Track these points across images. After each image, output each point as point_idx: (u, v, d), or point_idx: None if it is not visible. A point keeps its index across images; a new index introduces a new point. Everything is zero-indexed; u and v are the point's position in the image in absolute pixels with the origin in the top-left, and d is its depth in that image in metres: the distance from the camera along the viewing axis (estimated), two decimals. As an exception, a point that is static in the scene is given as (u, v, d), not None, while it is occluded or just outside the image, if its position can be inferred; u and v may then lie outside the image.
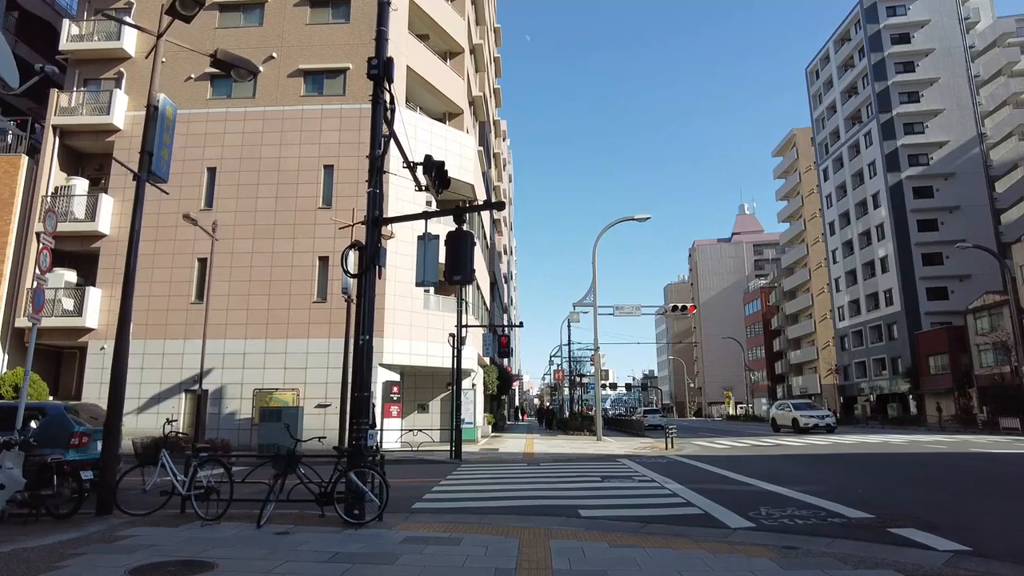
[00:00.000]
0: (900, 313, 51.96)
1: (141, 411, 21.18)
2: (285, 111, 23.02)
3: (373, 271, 8.24)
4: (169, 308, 21.77)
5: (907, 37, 55.90)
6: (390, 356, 21.07)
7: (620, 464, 15.61)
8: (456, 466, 15.64)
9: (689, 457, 17.70)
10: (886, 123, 54.90)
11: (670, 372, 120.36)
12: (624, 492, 10.51)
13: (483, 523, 7.62)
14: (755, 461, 16.15)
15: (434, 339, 22.35)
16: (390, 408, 20.85)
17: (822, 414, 31.03)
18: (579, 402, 54.12)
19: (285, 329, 21.27)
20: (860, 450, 19.23)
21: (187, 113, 23.20)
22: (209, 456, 7.82)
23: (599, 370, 26.98)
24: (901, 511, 8.12)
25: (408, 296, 21.98)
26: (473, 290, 26.56)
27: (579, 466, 15.28)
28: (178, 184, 22.59)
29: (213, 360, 21.27)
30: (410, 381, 25.21)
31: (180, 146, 22.76)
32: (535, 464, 15.80)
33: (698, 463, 15.66)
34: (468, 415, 23.95)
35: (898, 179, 53.46)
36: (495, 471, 14.36)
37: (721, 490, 10.48)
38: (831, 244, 64.65)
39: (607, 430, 33.23)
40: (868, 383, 56.62)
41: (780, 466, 14.78)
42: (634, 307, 27.67)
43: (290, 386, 20.82)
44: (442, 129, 24.28)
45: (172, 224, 21.81)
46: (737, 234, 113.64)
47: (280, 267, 21.71)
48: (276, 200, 22.23)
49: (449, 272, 8.03)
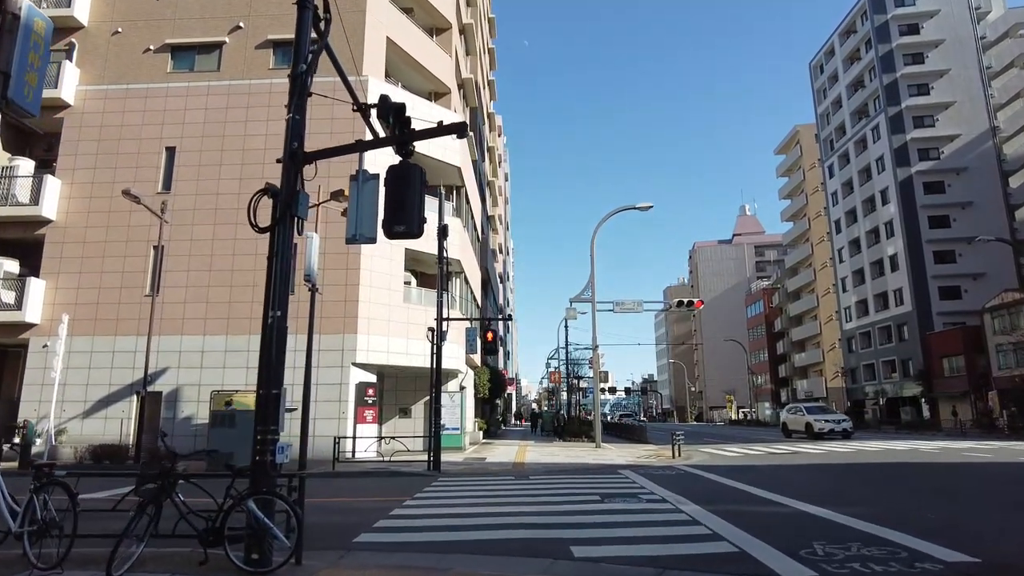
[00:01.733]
0: (911, 313, 49.87)
1: (87, 415, 19.00)
2: (252, 85, 20.93)
3: (289, 223, 6.12)
4: (121, 301, 19.62)
5: (916, 28, 53.99)
6: (364, 354, 18.91)
7: (622, 478, 13.45)
8: (432, 480, 13.48)
9: (700, 467, 15.56)
10: (895, 116, 52.92)
11: (670, 376, 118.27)
12: (629, 518, 8.36)
13: (439, 570, 5.50)
14: (778, 472, 14.01)
15: (416, 336, 20.16)
16: (364, 413, 18.67)
17: (837, 418, 28.90)
18: (577, 406, 51.91)
19: (248, 324, 19.11)
20: (891, 458, 17.10)
21: (144, 88, 21.16)
22: (51, 480, 5.59)
23: (598, 370, 24.84)
24: (1013, 548, 6.00)
25: (386, 288, 19.85)
26: (461, 284, 24.44)
27: (575, 480, 13.12)
28: (133, 165, 20.55)
29: (168, 358, 19.13)
30: (391, 383, 23.05)
31: (137, 124, 20.75)
32: (524, 478, 13.63)
33: (712, 475, 13.52)
34: (454, 420, 21.80)
35: (908, 174, 51.45)
36: (476, 486, 12.21)
37: (752, 514, 8.34)
38: (837, 243, 62.61)
39: (607, 436, 31.04)
40: (877, 386, 54.49)
41: (809, 479, 12.64)
42: (635, 303, 25.54)
43: (253, 387, 18.58)
44: (424, 105, 22.18)
45: (126, 208, 19.62)
46: (738, 235, 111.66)
47: (244, 255, 19.57)
48: (240, 182, 20.09)
49: (389, 220, 5.90)
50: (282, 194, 6.15)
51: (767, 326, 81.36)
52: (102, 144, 20.72)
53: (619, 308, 25.37)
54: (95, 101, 21.07)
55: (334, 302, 18.95)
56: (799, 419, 30.26)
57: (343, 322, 18.87)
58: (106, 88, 21.14)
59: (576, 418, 39.37)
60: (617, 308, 25.34)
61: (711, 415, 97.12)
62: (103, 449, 15.16)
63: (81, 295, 19.77)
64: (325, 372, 18.56)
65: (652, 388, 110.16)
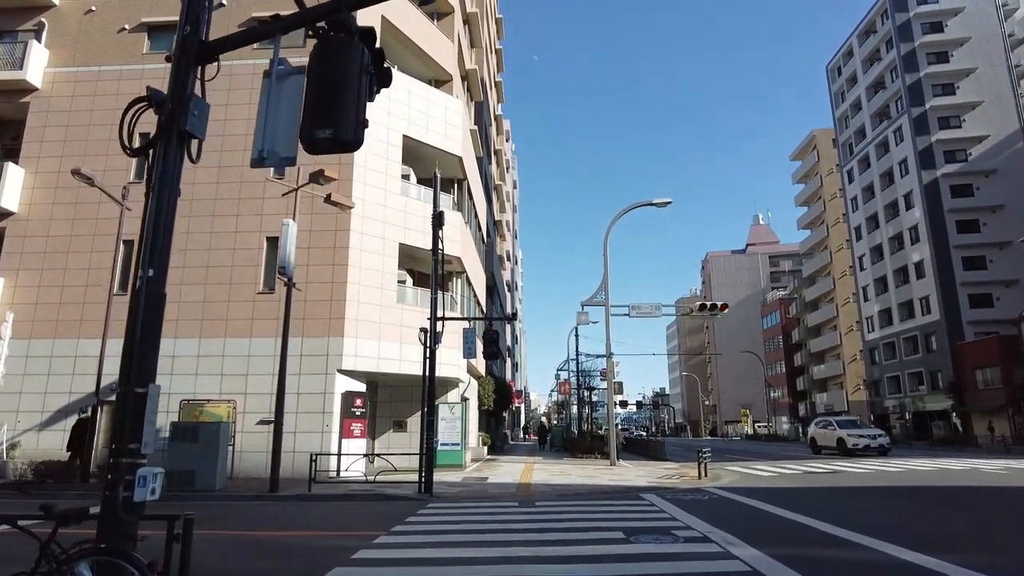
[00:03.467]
0: (939, 322, 47.34)
1: (45, 427, 17.08)
2: (235, 65, 19.09)
3: (177, 142, 4.16)
4: (86, 301, 17.75)
5: (940, 26, 51.90)
6: (352, 360, 16.91)
7: (646, 504, 11.33)
8: (421, 505, 11.41)
9: (734, 490, 13.40)
10: (918, 118, 50.72)
11: (683, 389, 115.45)
12: (667, 569, 6.26)
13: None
14: (832, 498, 11.84)
15: (411, 340, 18.11)
16: (351, 426, 16.64)
17: (873, 433, 26.55)
18: (589, 420, 49.54)
19: (224, 326, 17.20)
20: (954, 480, 14.85)
21: (118, 70, 19.44)
22: None
23: (612, 379, 22.70)
24: None
25: (378, 287, 17.87)
26: (463, 285, 22.45)
27: (590, 507, 11.01)
28: (104, 152, 18.77)
29: (135, 365, 17.17)
30: (385, 393, 21.02)
31: (109, 108, 18.98)
32: (530, 504, 11.52)
33: (753, 501, 11.37)
34: (454, 435, 19.73)
35: (933, 177, 49.15)
36: (471, 515, 10.12)
37: (836, 564, 6.24)
38: (857, 250, 60.19)
39: (621, 452, 28.82)
40: (903, 399, 51.83)
41: (877, 507, 10.46)
42: (653, 306, 23.43)
43: (227, 396, 16.67)
44: (422, 88, 20.35)
45: (94, 200, 17.80)
46: (752, 245, 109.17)
47: (220, 250, 17.70)
48: (219, 170, 18.27)
49: (311, 122, 3.88)
50: (168, 101, 4.18)
51: (784, 337, 78.76)
52: (71, 130, 18.99)
53: (635, 312, 23.27)
54: (64, 84, 19.38)
55: (318, 302, 17.00)
56: (830, 434, 27.93)
57: (328, 324, 16.89)
58: (76, 70, 19.45)
59: (588, 432, 37.11)
60: (633, 312, 23.24)
61: (725, 430, 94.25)
62: (47, 466, 13.21)
63: (43, 294, 17.94)
64: (307, 380, 16.58)
65: (664, 402, 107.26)
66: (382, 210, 18.33)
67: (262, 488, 13.37)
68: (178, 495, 12.68)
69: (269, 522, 9.59)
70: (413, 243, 18.54)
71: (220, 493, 12.94)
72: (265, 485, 13.31)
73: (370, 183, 18.19)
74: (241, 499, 12.57)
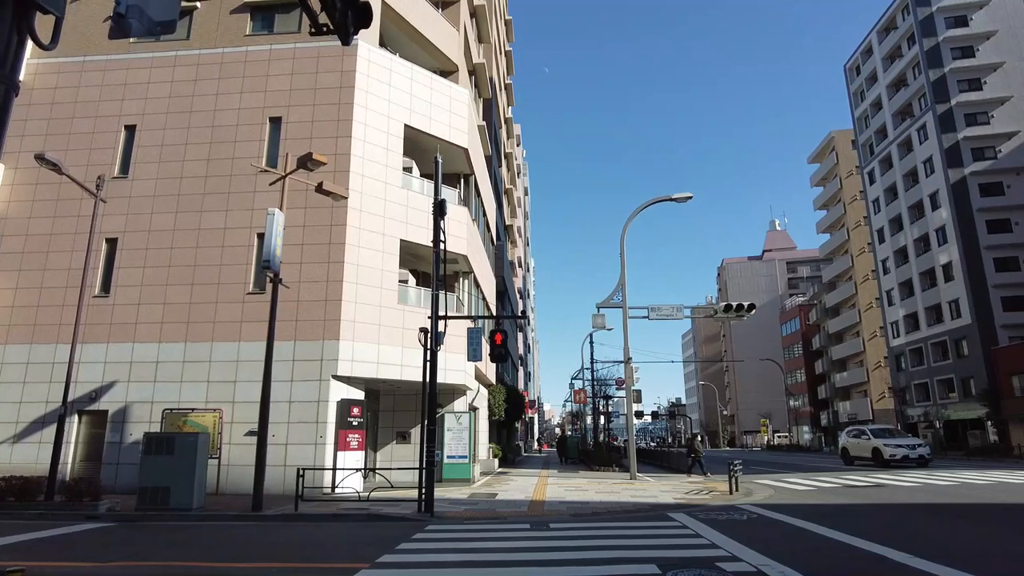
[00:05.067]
0: (971, 326, 45.26)
1: (19, 439, 15.87)
2: (225, 54, 18.04)
3: (14, 14, 2.85)
4: (66, 303, 16.56)
5: (964, 20, 50.16)
6: (348, 366, 15.54)
7: (677, 526, 9.82)
8: (419, 527, 9.98)
9: (772, 508, 11.85)
10: (944, 114, 48.88)
11: (700, 399, 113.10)
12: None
13: None
14: (885, 516, 10.25)
15: (413, 344, 16.74)
16: (347, 437, 15.23)
17: (912, 443, 24.74)
18: (605, 430, 47.81)
19: (211, 329, 15.93)
20: (1020, 497, 13.18)
21: (103, 60, 18.41)
22: None
23: (631, 386, 21.17)
24: None
25: (377, 286, 16.54)
26: (470, 285, 21.06)
27: (613, 530, 9.53)
28: (87, 147, 17.71)
29: (117, 370, 15.99)
30: (388, 402, 19.65)
31: (92, 100, 17.93)
32: (543, 526, 10.05)
33: (801, 521, 9.81)
34: (461, 447, 18.29)
35: (961, 175, 47.23)
36: (474, 541, 8.68)
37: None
38: (880, 253, 58.18)
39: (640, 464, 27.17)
40: (932, 407, 49.62)
41: (948, 530, 8.88)
42: (674, 308, 21.90)
43: (213, 405, 15.36)
44: (425, 76, 19.09)
45: (76, 196, 16.69)
46: (768, 251, 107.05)
47: (208, 248, 16.48)
48: (208, 163, 17.11)
49: None
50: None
51: (804, 344, 76.59)
52: (53, 124, 17.94)
53: (655, 314, 21.76)
54: (47, 76, 18.36)
55: (312, 302, 15.70)
56: (864, 444, 26.16)
57: (323, 326, 15.56)
58: (60, 61, 18.42)
59: (605, 444, 35.51)
60: (652, 314, 21.73)
61: (744, 440, 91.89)
62: (9, 483, 11.92)
63: (20, 296, 16.80)
64: (300, 387, 15.25)
65: (680, 412, 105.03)
66: (382, 204, 17.04)
67: (245, 506, 12.03)
68: (149, 515, 11.37)
69: (237, 549, 8.23)
70: (415, 239, 17.22)
71: (197, 512, 11.59)
72: (250, 502, 11.97)
73: (369, 175, 16.92)
74: (219, 519, 11.22)
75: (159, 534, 9.77)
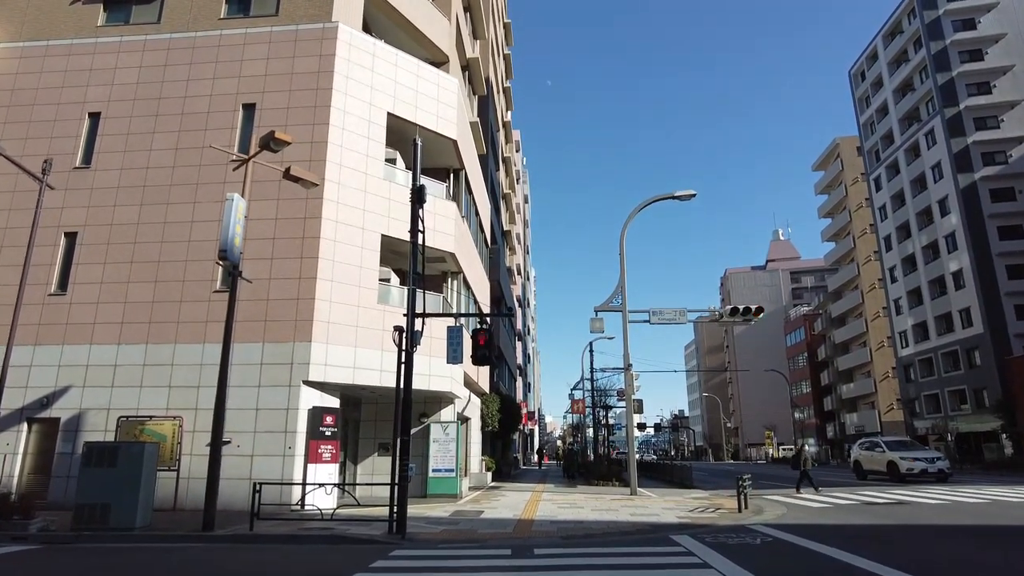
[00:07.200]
0: (982, 336, 43.85)
1: (-36, 451, 14.58)
2: (197, 37, 16.93)
3: None
4: (26, 302, 15.29)
5: (972, 23, 49.16)
6: (321, 370, 14.26)
7: (681, 552, 8.49)
8: (384, 552, 8.66)
9: (788, 528, 10.51)
10: (952, 119, 47.76)
11: (703, 411, 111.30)
12: None
13: None
14: (921, 541, 8.91)
15: (395, 347, 15.50)
16: (319, 448, 13.92)
17: (930, 456, 23.31)
18: (605, 443, 46.30)
19: (174, 330, 14.67)
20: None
21: (68, 44, 17.32)
22: None
23: (632, 395, 19.83)
24: None
25: (355, 284, 15.29)
26: (459, 287, 19.80)
27: (605, 558, 8.21)
28: (47, 135, 16.56)
29: (72, 374, 14.74)
30: (369, 411, 18.35)
31: (55, 86, 16.82)
32: (525, 551, 8.72)
33: (824, 547, 8.47)
34: (447, 460, 16.98)
35: (971, 180, 46.03)
36: (438, 573, 7.37)
37: None
38: (888, 261, 56.87)
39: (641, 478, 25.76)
40: (942, 419, 48.04)
41: (1003, 560, 7.55)
42: (677, 312, 20.61)
43: (174, 412, 14.07)
44: (412, 63, 17.93)
45: (35, 187, 15.51)
46: (772, 261, 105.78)
47: (174, 243, 15.27)
48: (176, 153, 15.95)
49: None
50: None
51: (809, 355, 75.08)
52: (12, 111, 16.82)
53: (656, 318, 20.46)
54: (7, 61, 17.27)
55: (282, 300, 14.46)
56: (878, 457, 24.74)
57: (294, 327, 14.30)
58: (22, 46, 17.34)
59: (605, 456, 34.08)
60: (654, 318, 20.44)
61: (748, 453, 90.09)
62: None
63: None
64: (268, 393, 13.96)
65: (683, 424, 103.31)
66: (362, 196, 15.84)
67: (199, 524, 10.71)
68: (84, 535, 10.06)
69: (158, 581, 6.93)
70: (398, 235, 15.99)
71: (140, 532, 10.29)
72: (195, 520, 10.68)
73: (348, 165, 15.73)
74: (161, 540, 9.91)
75: (86, 558, 8.49)
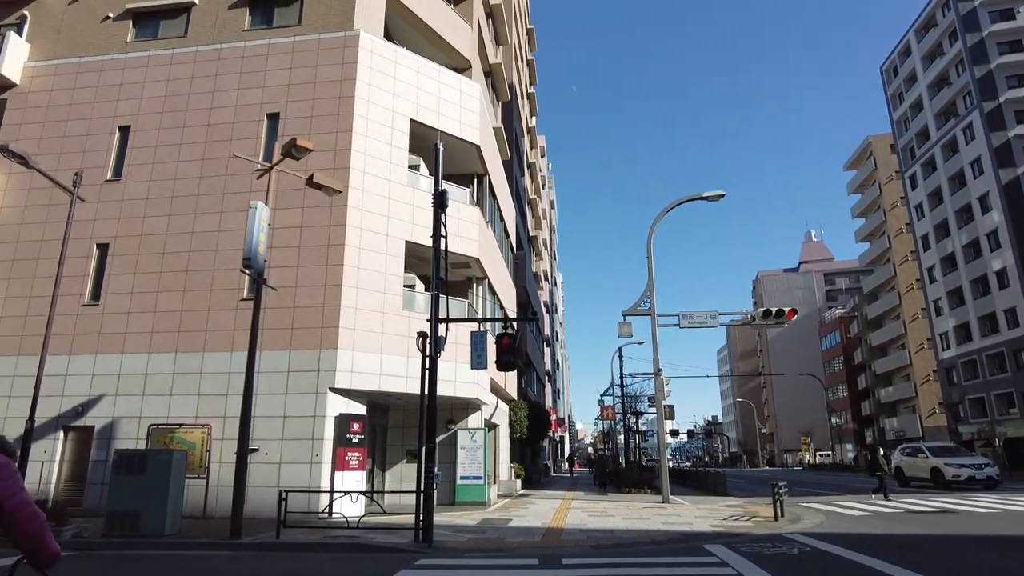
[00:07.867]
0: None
1: (2, 459, 14.84)
2: (222, 49, 17.15)
3: None
4: (57, 312, 15.58)
5: (1010, 13, 47.61)
6: (347, 377, 14.21)
7: (716, 563, 8.16)
8: (410, 561, 8.50)
9: (828, 538, 10.06)
10: (992, 112, 46.21)
11: (737, 417, 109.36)
12: None
13: None
14: (977, 551, 8.42)
15: (419, 353, 15.39)
16: (346, 456, 13.85)
17: (978, 463, 22.36)
18: (636, 450, 45.64)
19: (203, 339, 14.79)
20: None
21: (100, 60, 17.70)
22: None
23: (662, 400, 19.38)
24: None
25: (380, 291, 15.25)
26: (484, 292, 19.67)
27: (635, 569, 7.92)
28: (80, 149, 16.91)
29: (105, 383, 14.95)
30: (396, 417, 18.29)
31: (88, 102, 17.18)
32: (553, 561, 8.47)
33: (868, 559, 8.05)
34: (475, 467, 16.82)
35: (1013, 175, 44.42)
36: (467, 579, 7.18)
37: None
38: (925, 261, 55.17)
39: (673, 485, 25.28)
40: (988, 424, 46.25)
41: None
42: (707, 314, 20.14)
43: (203, 420, 14.16)
44: (433, 69, 17.91)
45: (68, 201, 15.84)
46: (805, 263, 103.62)
47: (201, 252, 15.42)
48: (202, 164, 16.14)
49: None
50: None
51: (845, 358, 73.21)
52: (47, 127, 17.22)
53: (686, 322, 20.03)
54: (43, 79, 17.70)
55: (308, 308, 14.47)
56: (921, 463, 23.82)
57: (320, 334, 14.29)
58: (56, 63, 17.77)
59: (636, 463, 33.54)
60: (684, 322, 20.01)
61: (784, 459, 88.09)
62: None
63: (8, 306, 15.95)
64: (295, 400, 13.96)
65: (717, 431, 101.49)
66: (385, 203, 15.82)
67: (225, 532, 10.69)
68: (115, 542, 10.12)
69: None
70: (422, 241, 15.90)
71: (169, 539, 10.31)
72: (222, 528, 10.67)
73: (371, 172, 15.73)
74: (188, 548, 9.90)
75: (118, 566, 8.51)
